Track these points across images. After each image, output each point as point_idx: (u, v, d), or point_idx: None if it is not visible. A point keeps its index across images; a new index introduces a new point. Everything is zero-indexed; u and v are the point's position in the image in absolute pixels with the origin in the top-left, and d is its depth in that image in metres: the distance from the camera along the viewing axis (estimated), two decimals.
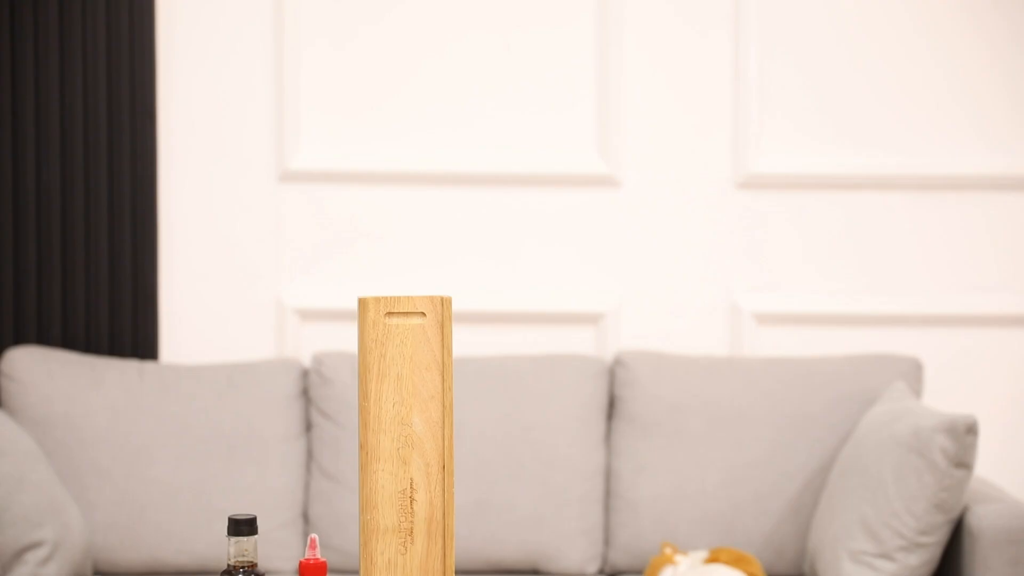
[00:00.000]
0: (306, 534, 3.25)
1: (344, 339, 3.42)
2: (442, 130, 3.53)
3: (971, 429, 2.77)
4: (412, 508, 1.76)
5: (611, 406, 3.35)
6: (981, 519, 2.82)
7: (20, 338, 3.37)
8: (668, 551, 3.02)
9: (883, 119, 3.52)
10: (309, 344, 3.49)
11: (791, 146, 3.52)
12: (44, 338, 3.37)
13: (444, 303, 1.77)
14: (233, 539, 1.91)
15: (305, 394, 3.33)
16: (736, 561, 2.95)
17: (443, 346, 1.77)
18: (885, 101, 3.52)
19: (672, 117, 3.54)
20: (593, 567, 3.25)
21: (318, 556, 1.92)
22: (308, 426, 3.33)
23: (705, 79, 3.53)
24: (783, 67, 3.52)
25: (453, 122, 3.53)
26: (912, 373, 3.28)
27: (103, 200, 3.38)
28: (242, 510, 3.08)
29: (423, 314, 1.77)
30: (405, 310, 1.76)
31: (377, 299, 1.76)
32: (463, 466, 3.16)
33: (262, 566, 2.97)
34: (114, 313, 3.41)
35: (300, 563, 1.91)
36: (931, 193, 3.52)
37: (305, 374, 3.35)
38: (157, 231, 3.43)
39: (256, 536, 1.92)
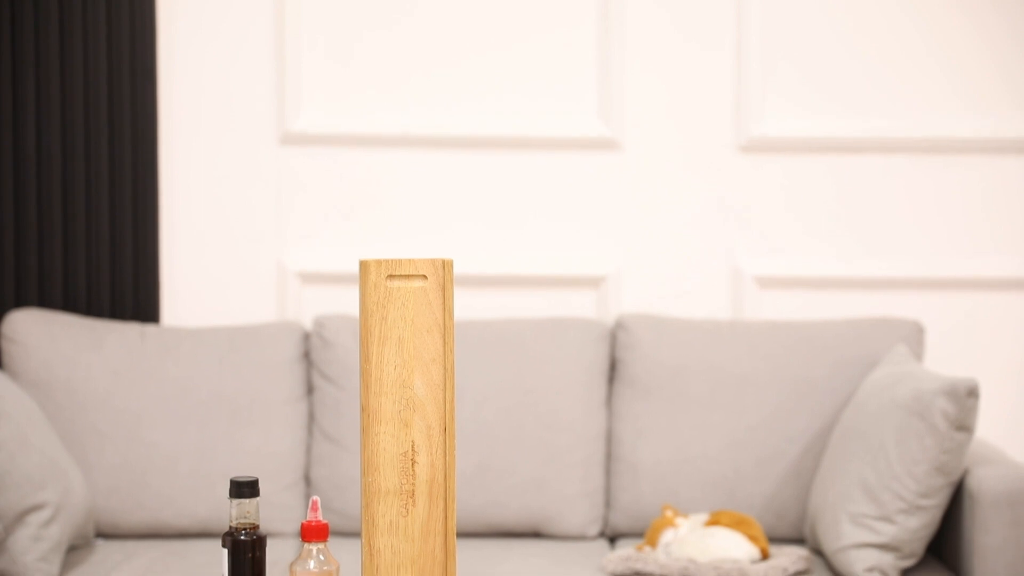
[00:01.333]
0: (308, 497, 3.26)
1: (345, 302, 3.42)
2: (443, 93, 3.52)
3: (972, 392, 2.77)
4: (413, 470, 1.77)
5: (612, 369, 3.35)
6: (981, 482, 2.82)
7: (21, 300, 3.37)
8: (669, 513, 3.03)
9: (885, 83, 3.51)
10: (310, 307, 3.49)
11: (794, 110, 3.51)
12: (45, 301, 3.37)
13: (445, 266, 1.77)
14: (235, 501, 1.92)
15: (306, 357, 3.34)
16: (737, 524, 2.96)
17: (444, 309, 1.77)
18: (887, 65, 3.51)
19: (674, 79, 3.52)
20: (594, 530, 3.26)
21: (320, 518, 1.92)
22: (310, 389, 3.33)
23: (707, 40, 3.51)
24: (785, 30, 3.50)
25: (455, 86, 3.52)
26: (914, 336, 3.29)
27: (104, 162, 3.38)
28: (244, 473, 3.09)
29: (424, 277, 1.77)
30: (406, 273, 1.77)
31: (378, 262, 1.76)
32: (464, 430, 3.16)
33: (264, 528, 2.97)
34: (115, 276, 3.41)
35: (302, 525, 1.92)
36: (932, 157, 3.51)
37: (306, 337, 3.36)
38: (158, 193, 3.42)
39: (258, 498, 1.92)
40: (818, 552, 3.05)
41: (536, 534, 3.25)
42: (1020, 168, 3.51)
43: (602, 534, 3.30)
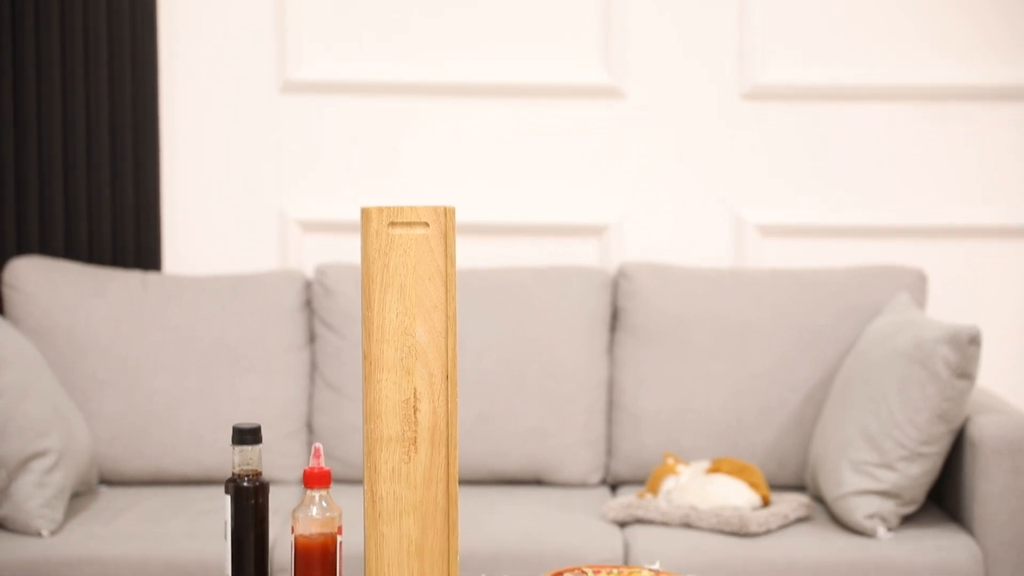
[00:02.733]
0: (310, 444, 3.27)
1: (346, 250, 3.41)
2: (445, 41, 3.50)
3: (974, 340, 2.77)
4: (416, 417, 1.77)
5: (614, 318, 3.35)
6: (983, 429, 2.83)
7: (23, 248, 3.36)
8: (670, 461, 3.04)
9: (891, 30, 3.49)
10: (311, 256, 3.49)
11: (798, 57, 3.49)
12: (47, 248, 3.37)
13: (447, 213, 1.76)
14: (238, 448, 1.92)
15: (308, 305, 3.34)
16: (738, 471, 2.97)
17: (446, 256, 1.76)
18: (892, 13, 3.49)
19: (677, 26, 3.50)
20: (596, 477, 3.26)
21: (322, 465, 1.93)
22: (311, 337, 3.33)
23: None
24: None
25: (456, 33, 3.50)
26: (916, 285, 3.28)
27: (104, 110, 3.36)
28: (247, 421, 3.09)
29: (426, 224, 1.76)
30: (408, 220, 1.76)
31: (380, 209, 1.75)
32: (466, 379, 3.16)
33: (266, 475, 2.98)
34: (117, 224, 3.40)
35: (304, 472, 1.92)
36: (936, 105, 3.49)
37: (308, 286, 3.35)
38: (159, 141, 3.41)
39: (260, 445, 1.93)
40: (819, 499, 3.06)
41: (538, 482, 3.27)
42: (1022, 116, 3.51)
43: (603, 482, 3.31)
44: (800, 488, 3.19)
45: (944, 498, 3.01)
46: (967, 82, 3.48)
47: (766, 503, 2.96)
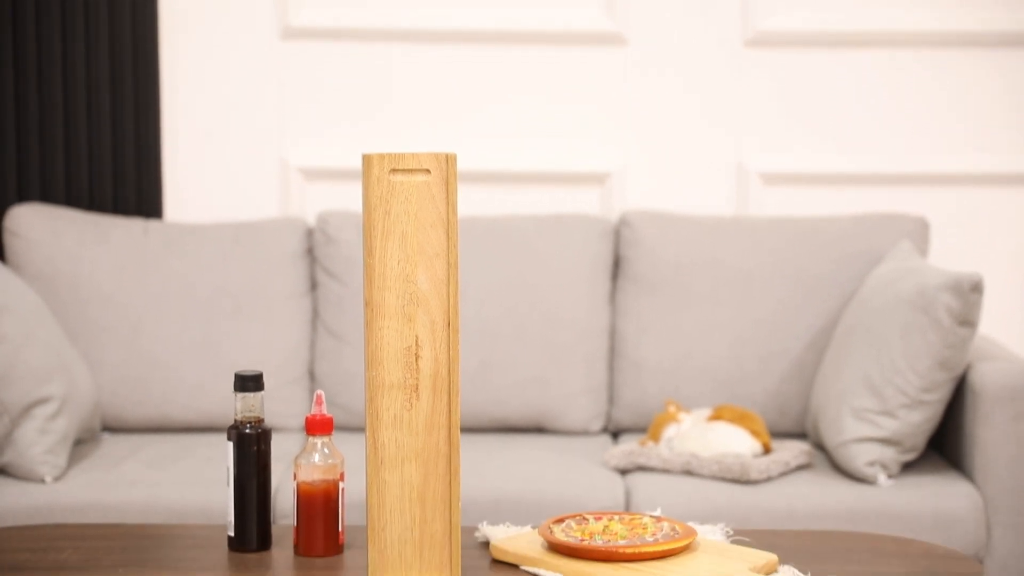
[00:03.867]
0: (312, 391, 3.27)
1: (348, 198, 3.41)
2: None
3: (976, 287, 2.77)
4: (417, 365, 1.77)
5: (616, 266, 3.35)
6: (984, 376, 2.83)
7: (24, 196, 3.36)
8: (672, 409, 3.05)
9: None
10: (313, 203, 3.48)
11: (803, 2, 3.47)
12: (48, 196, 3.36)
13: (449, 160, 1.76)
14: (240, 395, 1.93)
15: (310, 253, 3.34)
16: (739, 419, 2.98)
17: (448, 203, 1.76)
18: None
19: None
20: (597, 425, 3.27)
21: (324, 412, 1.94)
22: (313, 285, 3.33)
23: None
24: None
25: None
26: (918, 232, 3.28)
27: (104, 57, 3.35)
28: (248, 368, 3.10)
29: (428, 171, 1.76)
30: (410, 167, 1.76)
31: (382, 156, 1.75)
32: (467, 327, 3.17)
33: (269, 422, 2.99)
34: (118, 171, 3.39)
35: (307, 419, 1.93)
36: (940, 51, 3.47)
37: (310, 233, 3.35)
38: (159, 88, 3.40)
39: (262, 392, 1.94)
40: (820, 447, 3.07)
41: (539, 430, 3.27)
42: None
43: (605, 429, 3.32)
44: (801, 436, 3.20)
45: (945, 445, 3.02)
46: (970, 27, 3.46)
47: (767, 450, 2.96)
